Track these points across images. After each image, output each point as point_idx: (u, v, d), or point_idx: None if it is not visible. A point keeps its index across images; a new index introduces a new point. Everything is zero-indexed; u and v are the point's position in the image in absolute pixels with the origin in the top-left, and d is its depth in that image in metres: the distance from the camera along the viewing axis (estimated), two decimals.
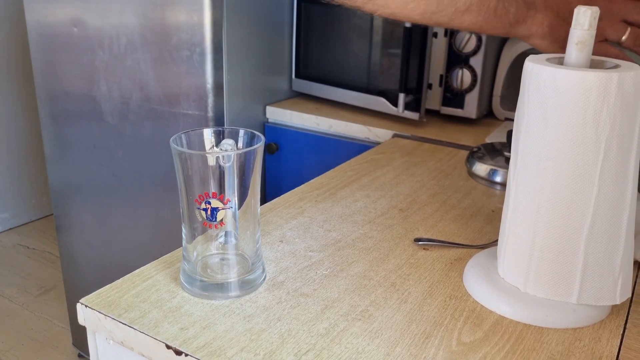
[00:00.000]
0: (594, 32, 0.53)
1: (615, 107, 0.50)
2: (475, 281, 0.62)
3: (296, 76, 1.44)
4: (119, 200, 1.46)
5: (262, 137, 0.58)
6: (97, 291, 0.61)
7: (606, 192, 0.53)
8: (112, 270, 1.53)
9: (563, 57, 0.56)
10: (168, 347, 0.53)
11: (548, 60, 0.55)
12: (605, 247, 0.55)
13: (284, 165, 1.35)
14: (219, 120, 1.26)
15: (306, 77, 1.43)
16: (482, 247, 0.71)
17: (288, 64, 1.43)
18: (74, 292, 1.69)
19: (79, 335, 1.78)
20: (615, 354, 0.53)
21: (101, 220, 1.51)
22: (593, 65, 0.55)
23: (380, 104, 1.29)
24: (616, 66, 0.54)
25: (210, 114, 1.24)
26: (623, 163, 0.53)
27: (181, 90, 1.25)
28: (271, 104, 1.39)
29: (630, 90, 0.51)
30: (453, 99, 1.29)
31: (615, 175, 0.53)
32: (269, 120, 1.39)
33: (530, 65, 0.54)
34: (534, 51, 1.27)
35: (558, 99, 0.52)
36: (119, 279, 0.63)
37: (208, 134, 0.60)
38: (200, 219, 0.58)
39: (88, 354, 1.76)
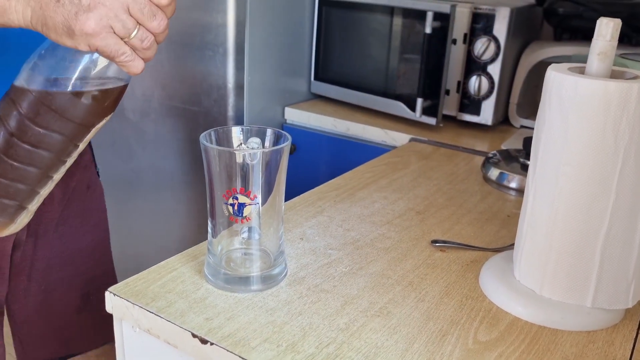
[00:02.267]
0: (615, 43, 0.55)
1: (634, 116, 0.52)
2: (492, 283, 0.63)
3: (315, 79, 1.46)
4: (138, 196, 1.48)
5: (289, 136, 0.60)
6: (124, 281, 0.63)
7: (623, 199, 0.54)
8: (130, 265, 1.56)
9: (584, 67, 0.57)
10: (194, 335, 0.55)
11: (570, 69, 0.57)
12: (620, 253, 0.56)
13: (301, 166, 1.37)
14: (238, 120, 1.28)
15: (325, 79, 1.45)
16: (498, 250, 0.73)
17: (307, 66, 1.46)
18: None
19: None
20: (628, 357, 0.54)
21: (120, 216, 1.53)
22: (613, 75, 0.57)
23: (398, 108, 1.31)
24: (636, 77, 0.55)
25: (230, 113, 1.26)
26: None
27: (202, 89, 1.27)
28: (290, 105, 1.42)
29: None
30: (470, 105, 1.30)
31: (633, 183, 0.54)
32: (287, 121, 1.41)
33: (553, 74, 0.56)
34: (552, 60, 1.29)
35: (579, 107, 0.53)
36: (136, 273, 0.64)
37: (237, 132, 0.62)
38: (227, 214, 0.60)
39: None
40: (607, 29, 0.54)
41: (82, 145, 0.57)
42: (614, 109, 0.52)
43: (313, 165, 1.36)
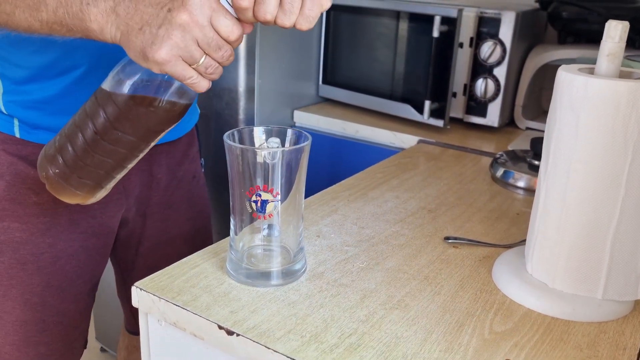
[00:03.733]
0: (623, 45, 0.57)
1: None
2: (505, 276, 0.66)
3: (323, 82, 1.49)
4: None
5: (309, 136, 0.63)
6: (150, 276, 0.65)
7: (632, 194, 0.57)
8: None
9: (593, 68, 0.60)
10: (220, 327, 0.57)
11: (580, 70, 0.59)
12: (630, 246, 0.58)
13: (311, 168, 1.39)
14: (249, 122, 1.30)
15: (333, 83, 1.47)
16: (509, 246, 0.75)
17: (316, 70, 1.48)
18: (101, 286, 1.73)
19: (103, 330, 1.82)
20: (639, 346, 0.57)
21: None
22: (622, 75, 0.59)
23: (406, 110, 1.34)
24: None
25: (241, 116, 1.29)
26: None
27: (214, 92, 1.30)
28: (299, 108, 1.44)
29: None
30: (476, 107, 1.32)
31: None
32: (297, 124, 1.44)
33: (564, 75, 0.58)
34: (556, 63, 1.31)
35: (590, 106, 0.55)
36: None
37: (259, 132, 0.64)
38: (250, 211, 0.62)
39: (111, 348, 1.81)
40: (615, 30, 0.57)
41: (152, 144, 0.65)
42: (623, 108, 0.54)
43: (322, 167, 1.39)
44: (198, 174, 0.98)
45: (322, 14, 1.43)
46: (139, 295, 0.63)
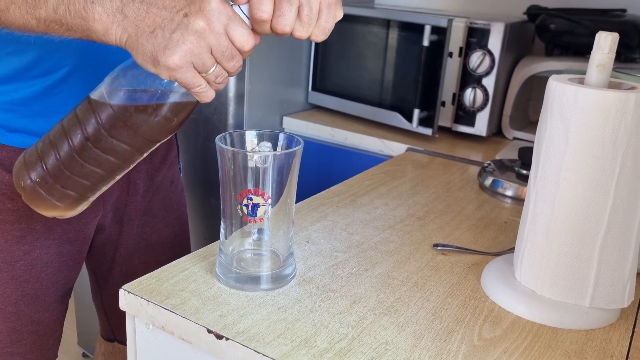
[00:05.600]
0: (613, 56, 0.58)
1: (632, 124, 0.55)
2: (494, 284, 0.66)
3: (313, 89, 1.49)
4: None
5: (301, 141, 0.63)
6: (138, 279, 0.64)
7: (620, 203, 0.57)
8: None
9: (583, 78, 0.60)
10: (209, 331, 0.57)
11: (570, 80, 0.60)
12: (617, 254, 0.59)
13: (299, 174, 1.39)
14: (238, 128, 1.30)
15: (322, 90, 1.48)
16: (498, 254, 0.76)
17: (305, 77, 1.48)
18: (82, 292, 1.72)
19: (84, 335, 1.80)
20: (625, 354, 0.57)
21: None
22: (611, 86, 0.60)
23: (395, 118, 1.34)
24: (633, 87, 0.58)
25: (230, 121, 1.29)
26: (636, 176, 0.57)
27: None
28: (288, 114, 1.44)
29: None
30: (465, 116, 1.33)
31: (629, 187, 0.57)
32: (285, 130, 1.44)
33: (554, 84, 0.59)
34: (543, 74, 1.33)
35: (579, 116, 0.56)
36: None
37: (251, 136, 0.64)
38: (241, 214, 0.62)
39: (93, 353, 1.78)
40: (605, 42, 0.57)
41: (146, 154, 0.62)
42: (612, 118, 0.55)
43: (311, 173, 1.39)
44: (176, 179, 0.96)
45: None
46: (126, 298, 0.62)
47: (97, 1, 0.53)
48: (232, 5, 0.53)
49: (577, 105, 0.56)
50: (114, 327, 1.01)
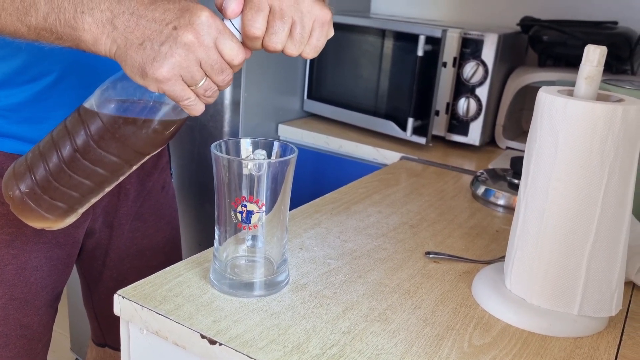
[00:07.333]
0: (601, 69, 0.59)
1: (619, 136, 0.56)
2: (484, 292, 0.67)
3: (308, 97, 1.50)
4: None
5: (295, 149, 0.64)
6: (132, 284, 0.65)
7: (608, 213, 0.58)
8: None
9: (572, 90, 0.62)
10: (203, 336, 0.57)
11: (559, 91, 0.61)
12: (605, 263, 0.60)
13: (294, 182, 1.40)
14: (234, 135, 1.31)
15: (318, 98, 1.49)
16: (489, 262, 0.77)
17: (301, 85, 1.50)
18: (76, 298, 1.72)
19: (77, 341, 1.80)
20: None
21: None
22: (600, 98, 0.61)
23: (389, 127, 1.35)
24: (620, 100, 0.60)
25: (226, 128, 1.29)
26: (623, 187, 0.58)
27: None
28: (283, 122, 1.45)
29: (633, 122, 0.56)
30: (458, 126, 1.35)
31: (617, 198, 0.58)
32: (281, 138, 1.45)
33: (544, 96, 0.60)
34: (536, 85, 1.34)
35: (568, 127, 0.57)
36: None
37: (246, 144, 0.65)
38: (235, 221, 0.62)
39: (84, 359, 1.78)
40: (594, 55, 0.59)
41: (135, 167, 0.62)
42: (600, 129, 0.56)
43: (305, 181, 1.40)
44: (167, 185, 0.96)
45: None
46: (120, 303, 0.63)
47: (88, 11, 0.52)
48: (222, 19, 0.54)
49: (566, 117, 0.57)
50: (104, 332, 1.02)
